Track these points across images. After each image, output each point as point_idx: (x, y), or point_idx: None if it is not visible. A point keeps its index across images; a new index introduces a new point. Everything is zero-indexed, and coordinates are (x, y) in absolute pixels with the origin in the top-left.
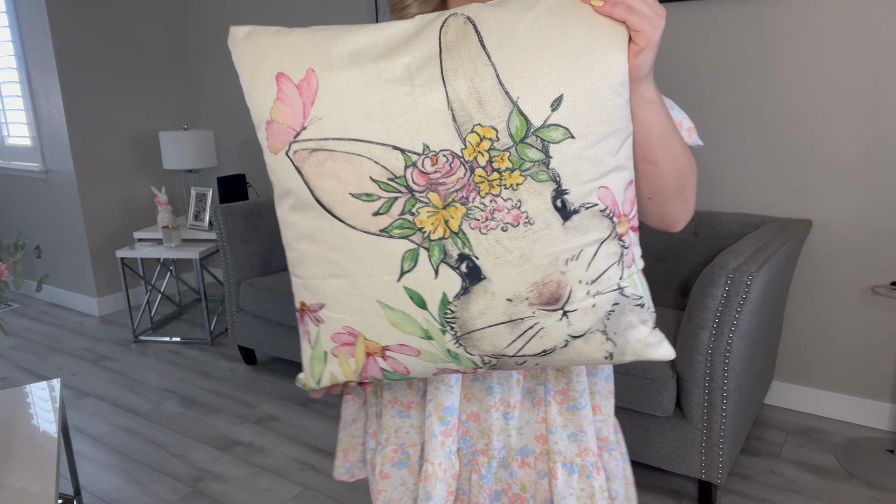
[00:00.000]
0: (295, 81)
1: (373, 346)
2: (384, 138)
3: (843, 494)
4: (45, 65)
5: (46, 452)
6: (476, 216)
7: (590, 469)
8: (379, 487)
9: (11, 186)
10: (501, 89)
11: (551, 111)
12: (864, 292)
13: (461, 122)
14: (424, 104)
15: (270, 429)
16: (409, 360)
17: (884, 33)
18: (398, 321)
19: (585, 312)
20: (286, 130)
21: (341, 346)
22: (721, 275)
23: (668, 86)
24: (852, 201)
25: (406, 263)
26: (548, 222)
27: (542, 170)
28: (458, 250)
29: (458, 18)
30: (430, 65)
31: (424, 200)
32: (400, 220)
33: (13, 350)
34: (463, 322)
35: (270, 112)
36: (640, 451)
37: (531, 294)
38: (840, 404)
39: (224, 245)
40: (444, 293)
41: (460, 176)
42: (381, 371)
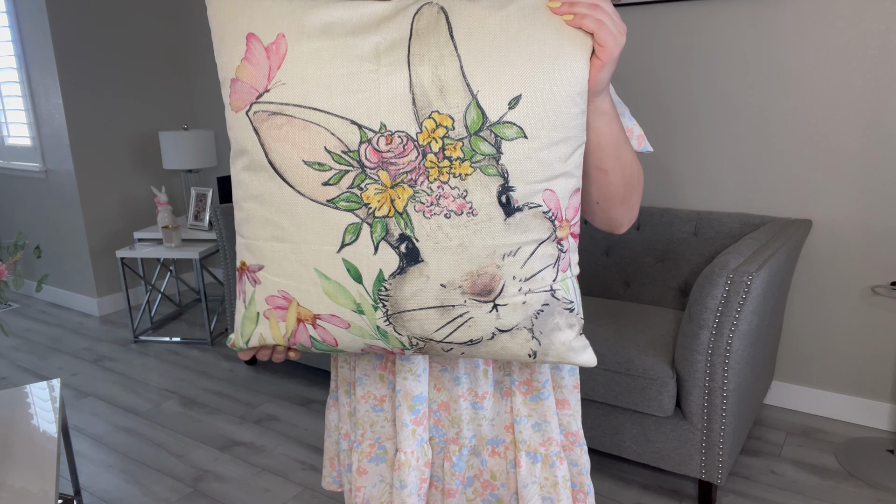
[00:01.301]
0: (265, 44)
1: (304, 313)
2: (343, 111)
3: (843, 494)
4: (45, 65)
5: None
6: (422, 199)
7: (553, 458)
8: (357, 484)
9: (11, 186)
10: (463, 81)
11: (508, 109)
12: (864, 292)
13: (420, 107)
14: (387, 84)
15: (270, 429)
16: (339, 332)
17: (884, 33)
18: (332, 291)
19: (515, 308)
20: (249, 90)
21: (274, 310)
22: (721, 275)
23: (668, 86)
24: (852, 201)
25: (348, 236)
26: (490, 215)
27: (491, 164)
28: (400, 230)
29: (433, 7)
30: (398, 47)
31: (374, 177)
32: (348, 192)
33: (13, 350)
34: (395, 301)
35: (236, 70)
36: (640, 451)
37: (465, 283)
38: (840, 404)
39: (224, 245)
40: (380, 270)
41: (412, 159)
42: (310, 339)
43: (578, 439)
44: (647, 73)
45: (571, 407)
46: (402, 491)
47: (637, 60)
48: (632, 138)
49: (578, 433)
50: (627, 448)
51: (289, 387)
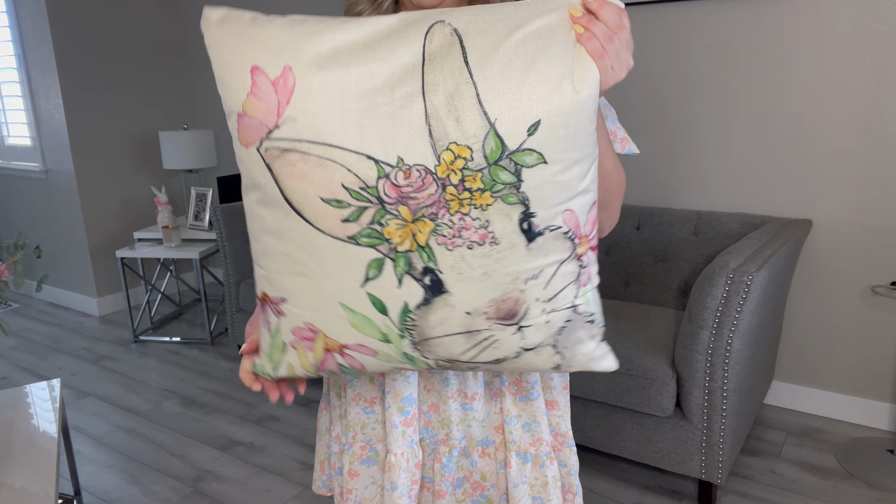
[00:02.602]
0: (271, 77)
1: (332, 344)
2: (359, 147)
3: (843, 494)
4: (45, 65)
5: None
6: (443, 232)
7: (543, 458)
8: (349, 487)
9: (11, 186)
10: (480, 109)
11: (527, 136)
12: (864, 292)
13: (437, 139)
14: (402, 117)
15: (270, 429)
16: (366, 359)
17: (884, 33)
18: (358, 323)
19: (539, 328)
20: (259, 126)
21: (301, 340)
22: (721, 275)
23: (667, 85)
24: (852, 201)
25: (371, 271)
26: (512, 243)
27: (512, 192)
28: (424, 263)
29: (445, 28)
30: (411, 76)
31: (394, 213)
32: (368, 229)
33: (13, 350)
34: (421, 330)
35: (243, 105)
36: (640, 451)
37: (489, 309)
38: (840, 404)
39: (224, 245)
40: (405, 302)
41: (432, 192)
42: (338, 366)
43: (567, 440)
44: (647, 73)
45: (561, 408)
46: (392, 493)
47: (637, 60)
48: (615, 141)
49: (567, 434)
50: (627, 448)
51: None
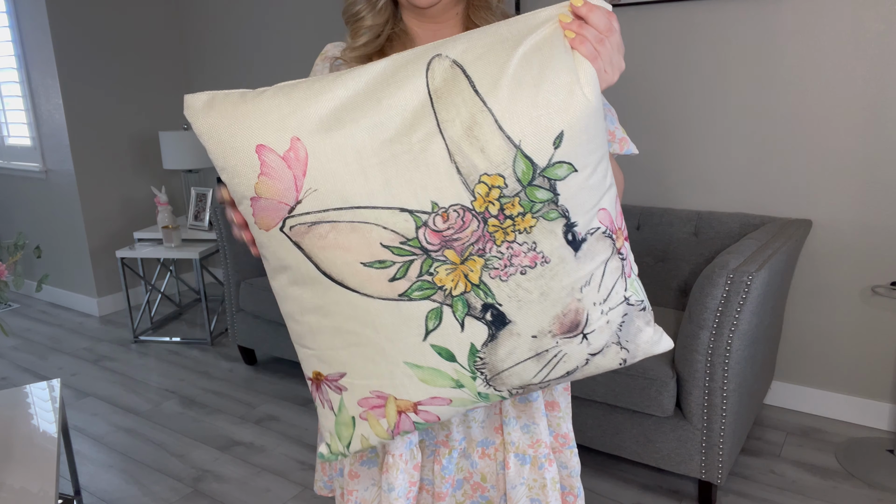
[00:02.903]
0: (280, 153)
1: (405, 405)
2: (389, 202)
3: (843, 494)
4: (45, 65)
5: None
6: (495, 265)
7: (542, 460)
8: (349, 488)
9: (11, 186)
10: (502, 134)
11: (554, 149)
12: (864, 292)
13: (466, 174)
14: (425, 160)
15: (270, 429)
16: (441, 409)
17: (883, 34)
18: (429, 378)
19: (602, 330)
20: (277, 206)
21: (370, 410)
22: (721, 275)
23: (667, 86)
24: (852, 201)
25: (430, 323)
26: (562, 257)
27: (552, 208)
28: (482, 301)
29: (444, 61)
30: (423, 117)
31: (441, 259)
32: (419, 282)
33: (13, 350)
34: (493, 366)
35: (256, 188)
36: (640, 451)
37: (554, 326)
38: (840, 404)
39: (224, 245)
40: (472, 343)
41: (474, 229)
42: (413, 424)
43: (568, 441)
44: (646, 73)
45: (562, 409)
46: (389, 494)
47: (637, 60)
48: (614, 142)
49: (568, 435)
50: (627, 448)
51: (289, 387)
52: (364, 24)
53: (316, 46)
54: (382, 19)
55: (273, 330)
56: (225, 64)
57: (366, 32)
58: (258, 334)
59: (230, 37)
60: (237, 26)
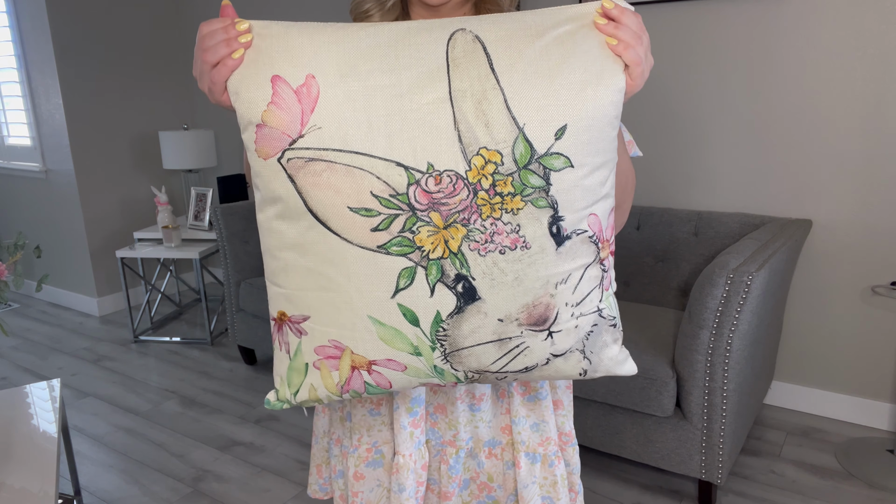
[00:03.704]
0: (293, 86)
1: (359, 361)
2: (387, 153)
3: (843, 494)
4: (45, 65)
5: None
6: (476, 238)
7: (552, 458)
8: (354, 490)
9: (11, 186)
10: (509, 114)
11: (555, 140)
12: (864, 292)
13: (467, 144)
14: (431, 122)
15: (270, 429)
16: (394, 375)
17: (884, 33)
18: (389, 337)
19: (568, 333)
20: (280, 136)
21: (325, 360)
22: (721, 275)
23: (668, 86)
24: (852, 201)
25: (402, 281)
26: (543, 247)
27: (541, 196)
28: (456, 270)
29: (467, 35)
30: (437, 82)
31: (426, 219)
32: (399, 237)
33: (13, 350)
34: (453, 340)
35: (263, 115)
36: (640, 451)
37: (521, 315)
38: (840, 404)
39: (224, 245)
40: (437, 311)
41: (463, 197)
42: (364, 385)
43: (571, 439)
44: None
45: (565, 407)
46: (400, 495)
47: None
48: None
49: (571, 433)
50: (627, 448)
51: None
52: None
53: None
54: (391, 17)
55: None
56: None
57: None
58: (258, 334)
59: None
60: None
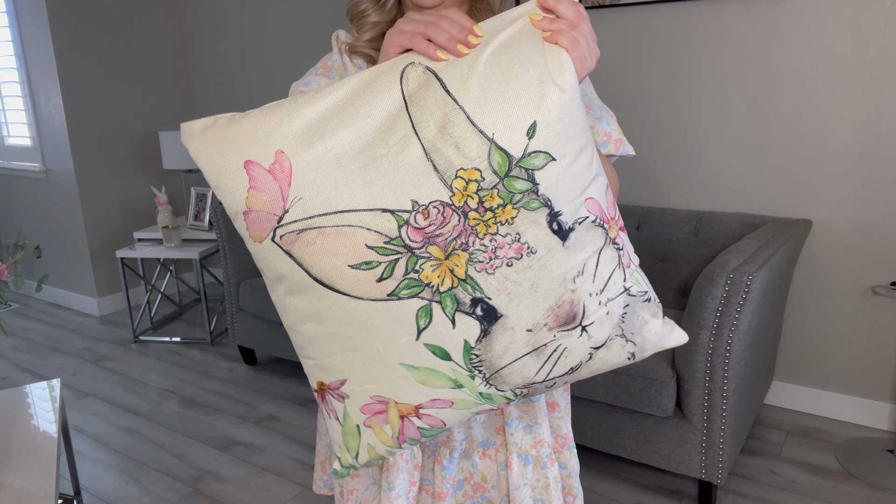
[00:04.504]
0: (266, 166)
1: (405, 408)
2: (370, 203)
3: (843, 494)
4: (45, 65)
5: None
6: (479, 258)
7: (544, 460)
8: (349, 487)
9: (11, 186)
10: (475, 129)
11: (528, 139)
12: (864, 292)
13: (443, 171)
14: (403, 161)
15: (270, 429)
16: (444, 413)
17: (884, 33)
18: (426, 378)
19: (602, 322)
20: (267, 217)
21: (373, 416)
22: (721, 275)
23: (667, 85)
24: (852, 201)
25: (421, 321)
26: (549, 247)
27: (532, 198)
28: (470, 295)
29: (417, 68)
30: (399, 121)
31: (426, 255)
32: (405, 280)
33: (13, 350)
34: (489, 363)
35: (246, 202)
36: (640, 451)
37: (549, 319)
38: (840, 404)
39: (224, 245)
40: (465, 340)
41: (455, 223)
42: (418, 430)
43: (568, 442)
44: (646, 73)
45: (561, 409)
46: (389, 493)
47: (637, 60)
48: (609, 143)
49: (568, 436)
50: (627, 448)
51: (289, 387)
52: (369, 20)
53: (317, 46)
54: (388, 17)
55: (273, 330)
56: (225, 64)
57: (370, 28)
58: (258, 334)
59: (230, 37)
60: (237, 26)
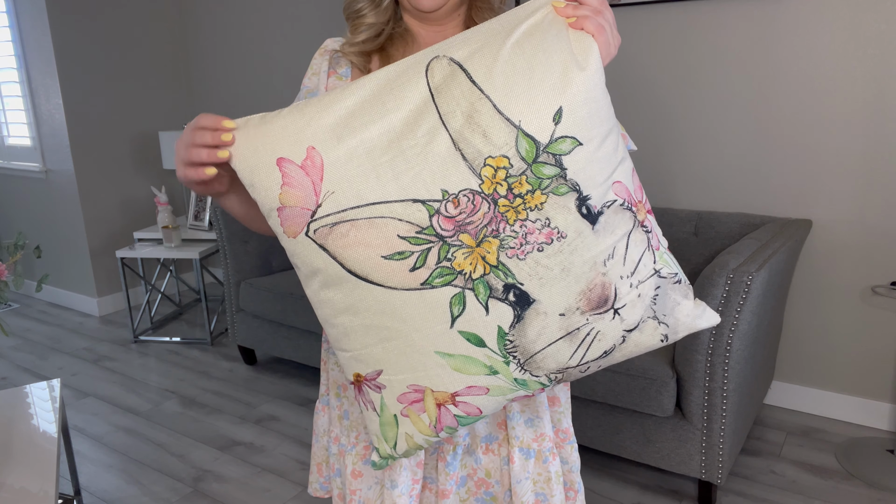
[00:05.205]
0: (298, 163)
1: (442, 396)
2: (401, 195)
3: (843, 494)
4: (45, 65)
5: (46, 452)
6: (510, 245)
7: (546, 454)
8: (352, 487)
9: (11, 186)
10: (502, 117)
11: (555, 125)
12: (864, 292)
13: (472, 159)
14: (432, 152)
15: (270, 429)
16: (480, 400)
17: (884, 33)
18: (461, 365)
19: (634, 304)
20: (301, 212)
21: (410, 406)
22: (721, 275)
23: (667, 85)
24: (852, 201)
25: (455, 308)
26: (579, 231)
27: (560, 183)
28: (503, 281)
29: (442, 61)
30: (426, 112)
31: (457, 243)
32: (438, 268)
33: (13, 350)
34: (524, 348)
35: (280, 198)
36: (640, 451)
37: (581, 303)
38: (840, 404)
39: (224, 245)
40: (499, 326)
41: (485, 211)
42: (455, 418)
43: (569, 436)
44: (646, 73)
45: (562, 404)
46: (392, 491)
47: (637, 60)
48: None
49: (569, 430)
50: (627, 448)
51: (289, 387)
52: (365, 21)
53: (316, 43)
54: (384, 18)
55: (273, 330)
56: (225, 63)
57: (366, 30)
58: (258, 334)
59: (231, 36)
60: (238, 25)
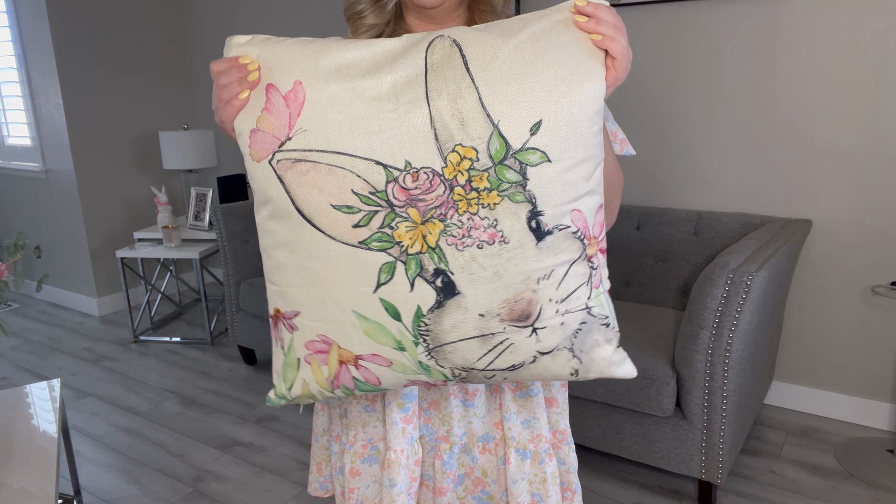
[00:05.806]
0: (283, 92)
1: (346, 355)
2: (367, 153)
3: (843, 494)
4: (45, 65)
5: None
6: (453, 233)
7: (542, 455)
8: (351, 486)
9: (11, 186)
10: (483, 111)
11: (530, 135)
12: (864, 292)
13: (443, 141)
14: (408, 122)
15: (270, 429)
16: (381, 371)
17: (884, 33)
18: (372, 331)
19: (554, 330)
20: (271, 140)
21: (315, 354)
22: (721, 275)
23: (667, 85)
24: (852, 201)
25: (383, 276)
26: (522, 242)
27: (518, 191)
28: (434, 265)
29: (445, 40)
30: (415, 84)
31: (404, 215)
32: (379, 233)
33: (13, 350)
34: (436, 335)
35: (257, 121)
36: (640, 451)
37: (503, 310)
38: (840, 404)
39: (224, 245)
40: (418, 306)
41: (440, 193)
42: (353, 381)
43: (566, 437)
44: (646, 73)
45: (560, 405)
46: (391, 490)
47: (637, 60)
48: (615, 142)
49: (566, 431)
50: (627, 448)
51: None
52: (365, 21)
53: None
54: (384, 19)
55: None
56: None
57: (366, 30)
58: (258, 334)
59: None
60: (238, 25)
